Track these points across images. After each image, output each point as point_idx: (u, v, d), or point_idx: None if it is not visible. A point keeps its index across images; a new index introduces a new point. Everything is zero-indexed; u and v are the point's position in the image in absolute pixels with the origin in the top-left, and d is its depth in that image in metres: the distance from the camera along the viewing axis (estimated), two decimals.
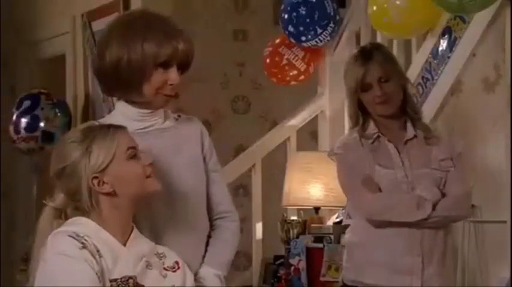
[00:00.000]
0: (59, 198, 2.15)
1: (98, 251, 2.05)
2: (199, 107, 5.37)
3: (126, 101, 2.34)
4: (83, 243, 2.04)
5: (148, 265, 2.11)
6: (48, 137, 5.31)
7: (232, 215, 2.44)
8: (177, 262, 2.17)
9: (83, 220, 2.11)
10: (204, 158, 2.41)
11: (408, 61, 3.91)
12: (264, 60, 4.59)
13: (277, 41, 4.55)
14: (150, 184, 2.14)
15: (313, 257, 3.89)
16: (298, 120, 4.58)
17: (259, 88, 5.33)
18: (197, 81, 5.25)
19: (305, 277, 3.90)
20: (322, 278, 3.78)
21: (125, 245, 2.11)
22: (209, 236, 2.38)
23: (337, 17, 4.37)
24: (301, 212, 4.24)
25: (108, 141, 2.11)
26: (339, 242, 3.79)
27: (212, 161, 2.43)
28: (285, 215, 4.21)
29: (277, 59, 4.53)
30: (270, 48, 4.56)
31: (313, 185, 4.15)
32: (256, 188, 4.49)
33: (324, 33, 4.34)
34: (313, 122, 4.63)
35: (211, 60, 5.30)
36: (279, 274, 4.15)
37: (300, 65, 4.51)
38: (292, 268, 3.97)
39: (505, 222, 3.30)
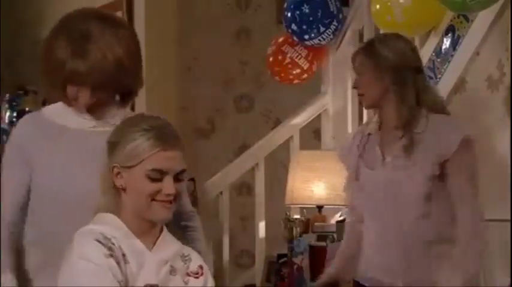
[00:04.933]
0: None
1: (124, 255, 2.01)
2: (202, 105, 5.38)
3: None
4: (110, 248, 2.00)
5: (172, 271, 2.07)
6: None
7: (195, 213, 2.47)
8: (200, 266, 2.13)
9: (110, 217, 2.06)
10: None
11: None
12: (267, 59, 4.59)
13: (281, 39, 4.55)
14: (154, 209, 2.03)
15: (316, 255, 3.88)
16: (301, 118, 4.58)
17: (262, 87, 5.33)
18: (200, 80, 5.26)
19: (308, 276, 3.90)
20: None
21: (151, 248, 2.06)
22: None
23: (341, 16, 4.37)
24: (304, 210, 4.24)
25: (145, 148, 2.02)
26: (341, 239, 3.78)
27: None
28: (288, 213, 4.21)
29: (280, 57, 4.53)
30: (273, 47, 4.56)
31: (316, 184, 4.15)
32: (259, 187, 4.49)
33: (327, 31, 4.34)
34: (316, 120, 4.63)
35: (214, 59, 5.31)
36: (282, 273, 4.15)
37: (303, 63, 4.51)
38: (296, 266, 3.96)
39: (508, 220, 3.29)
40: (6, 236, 2.34)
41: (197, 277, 2.10)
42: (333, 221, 4.16)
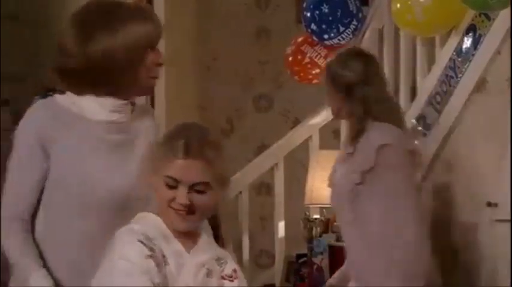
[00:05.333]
0: None
1: (164, 257, 2.02)
2: (222, 105, 5.38)
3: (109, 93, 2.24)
4: (151, 249, 2.00)
5: (208, 274, 2.08)
6: None
7: None
8: (235, 270, 2.13)
9: (152, 217, 2.07)
10: None
11: (432, 59, 3.88)
12: (286, 59, 4.58)
13: (300, 39, 4.54)
14: (171, 217, 2.03)
15: (336, 255, 3.87)
16: (320, 118, 4.57)
17: (281, 86, 5.33)
18: (220, 80, 5.26)
19: (328, 276, 3.88)
20: None
21: (190, 250, 2.06)
22: None
23: (360, 15, 4.35)
24: (324, 210, 4.23)
25: (165, 154, 2.03)
26: None
27: None
28: (307, 213, 4.20)
29: (299, 57, 4.52)
30: (293, 47, 4.55)
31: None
32: (278, 187, 4.48)
33: (347, 31, 4.33)
34: (336, 120, 4.61)
35: (233, 59, 5.30)
36: (301, 273, 4.15)
37: (322, 63, 4.50)
38: (315, 266, 3.96)
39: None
40: (29, 233, 2.22)
41: (232, 280, 2.10)
42: None
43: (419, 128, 3.83)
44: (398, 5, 3.73)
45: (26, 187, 2.24)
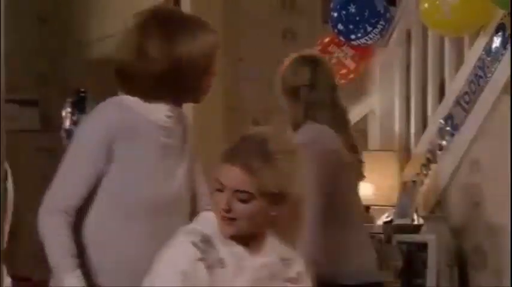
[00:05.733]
0: None
1: (220, 259, 2.01)
2: (248, 106, 5.37)
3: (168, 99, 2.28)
4: (204, 251, 1.99)
5: (271, 277, 2.06)
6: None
7: None
8: (300, 273, 2.10)
9: (211, 215, 2.07)
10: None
11: (460, 59, 3.87)
12: None
13: (327, 39, 4.53)
14: (220, 225, 2.04)
15: None
16: None
17: None
18: (246, 81, 5.26)
19: None
20: None
21: (253, 252, 2.05)
22: None
23: (388, 15, 4.34)
24: None
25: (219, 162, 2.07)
26: (389, 241, 3.76)
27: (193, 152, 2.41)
28: None
29: (326, 57, 4.51)
30: (319, 47, 4.55)
31: (362, 184, 4.12)
32: None
33: (374, 31, 4.31)
34: (363, 120, 4.60)
35: (260, 60, 5.30)
36: None
37: (349, 63, 4.49)
38: None
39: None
40: (70, 229, 2.21)
41: (295, 284, 2.08)
42: (379, 222, 4.13)
43: (447, 128, 3.81)
44: (426, 5, 3.72)
45: (78, 182, 2.24)
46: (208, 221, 2.06)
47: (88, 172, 2.23)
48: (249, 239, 2.05)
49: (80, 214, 2.25)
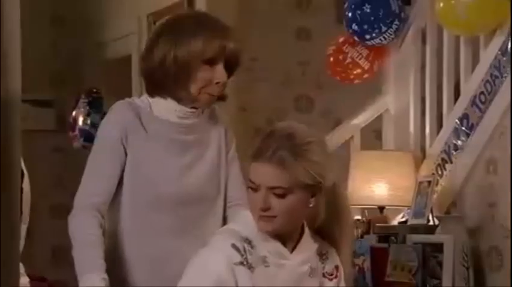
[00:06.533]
0: None
1: (264, 258, 2.01)
2: (262, 106, 5.37)
3: (173, 98, 2.37)
4: (245, 252, 2.00)
5: (310, 273, 2.06)
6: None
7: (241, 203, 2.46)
8: (336, 267, 2.11)
9: (248, 215, 2.07)
10: (226, 154, 2.43)
11: (476, 58, 3.85)
12: (328, 59, 4.56)
13: (341, 39, 4.52)
14: (256, 221, 2.04)
15: (378, 257, 3.85)
16: (361, 119, 4.55)
17: (322, 87, 5.31)
18: (260, 80, 5.26)
19: (370, 277, 3.87)
20: (387, 279, 3.75)
21: (292, 250, 2.06)
22: None
23: (403, 15, 4.32)
24: (366, 211, 4.21)
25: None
26: (404, 241, 3.75)
27: (231, 154, 2.45)
28: None
29: (341, 57, 4.50)
30: (334, 47, 4.54)
31: (377, 185, 4.12)
32: None
33: (389, 31, 4.30)
34: (377, 120, 4.59)
35: (274, 59, 5.30)
36: None
37: (364, 63, 4.48)
38: (357, 267, 3.94)
39: None
40: (99, 227, 2.28)
41: (331, 279, 2.08)
42: (395, 222, 4.12)
43: (463, 128, 3.80)
44: (441, 4, 3.71)
45: (106, 179, 2.32)
46: (247, 220, 2.06)
47: (112, 170, 2.32)
48: (287, 236, 2.05)
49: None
